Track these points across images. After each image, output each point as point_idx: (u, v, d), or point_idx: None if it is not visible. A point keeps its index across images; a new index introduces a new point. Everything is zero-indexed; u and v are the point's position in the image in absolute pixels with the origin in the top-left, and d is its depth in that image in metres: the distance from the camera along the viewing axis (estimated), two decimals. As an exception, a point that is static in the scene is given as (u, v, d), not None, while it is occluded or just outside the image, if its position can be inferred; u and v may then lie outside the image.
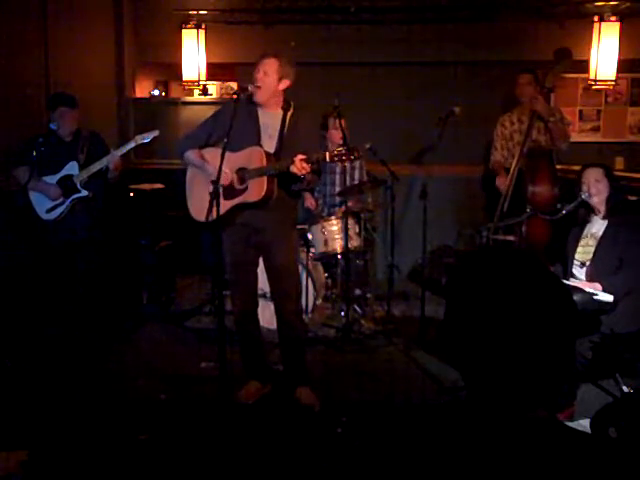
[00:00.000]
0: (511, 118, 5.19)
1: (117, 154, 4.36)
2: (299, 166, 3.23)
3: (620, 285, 3.46)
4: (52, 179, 4.40)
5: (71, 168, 4.41)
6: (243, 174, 3.42)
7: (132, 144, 4.36)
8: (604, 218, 3.71)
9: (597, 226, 3.73)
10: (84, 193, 4.40)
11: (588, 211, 3.79)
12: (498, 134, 5.23)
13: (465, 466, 2.91)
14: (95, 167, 4.36)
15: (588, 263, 3.65)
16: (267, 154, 3.39)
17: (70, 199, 4.39)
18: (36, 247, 4.49)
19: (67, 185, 4.38)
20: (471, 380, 3.57)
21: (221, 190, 3.15)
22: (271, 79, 3.42)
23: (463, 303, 3.63)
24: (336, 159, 3.28)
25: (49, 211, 4.39)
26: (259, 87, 3.41)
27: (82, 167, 4.38)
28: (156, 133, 4.31)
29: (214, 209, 3.03)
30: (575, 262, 3.72)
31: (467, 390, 3.60)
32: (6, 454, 2.91)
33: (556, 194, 4.55)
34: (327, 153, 3.28)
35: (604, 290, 3.47)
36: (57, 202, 4.39)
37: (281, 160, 3.37)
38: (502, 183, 4.89)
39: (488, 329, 3.34)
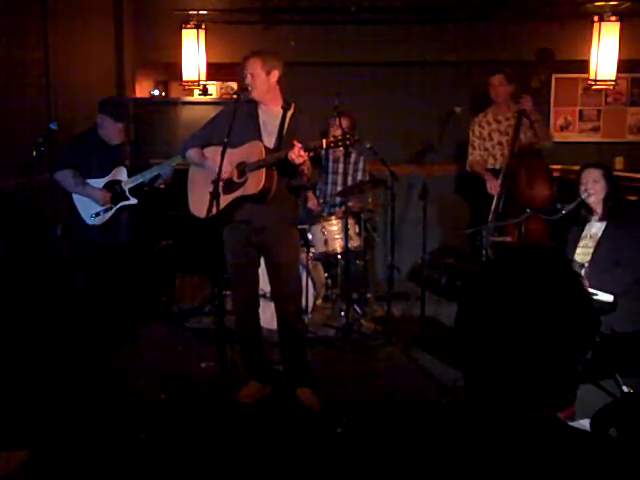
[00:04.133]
0: (487, 118, 5.16)
1: (172, 164, 4.33)
2: (297, 152, 3.22)
3: (615, 284, 3.46)
4: (98, 183, 4.35)
5: (120, 173, 4.36)
6: (243, 168, 3.43)
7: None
8: (603, 219, 3.73)
9: (596, 227, 3.75)
10: (133, 201, 4.35)
11: (588, 211, 3.80)
12: (476, 134, 5.19)
13: (466, 466, 2.91)
14: (147, 175, 4.33)
15: (587, 264, 3.65)
16: (267, 149, 3.41)
17: (118, 206, 4.34)
18: (78, 246, 4.47)
19: (115, 191, 4.34)
20: (479, 382, 3.54)
21: (221, 186, 3.17)
22: (260, 77, 3.45)
23: (481, 307, 3.60)
24: (332, 145, 3.30)
25: (95, 216, 4.33)
26: (252, 88, 3.45)
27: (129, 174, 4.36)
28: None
29: (214, 207, 3.05)
30: (574, 263, 3.72)
31: (469, 391, 3.58)
32: (6, 454, 2.90)
33: (554, 193, 4.55)
34: (324, 140, 3.29)
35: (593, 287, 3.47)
36: (104, 207, 4.33)
37: (280, 151, 3.38)
38: (493, 187, 4.77)
39: (506, 331, 3.31)
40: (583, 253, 3.72)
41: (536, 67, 4.75)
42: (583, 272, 3.66)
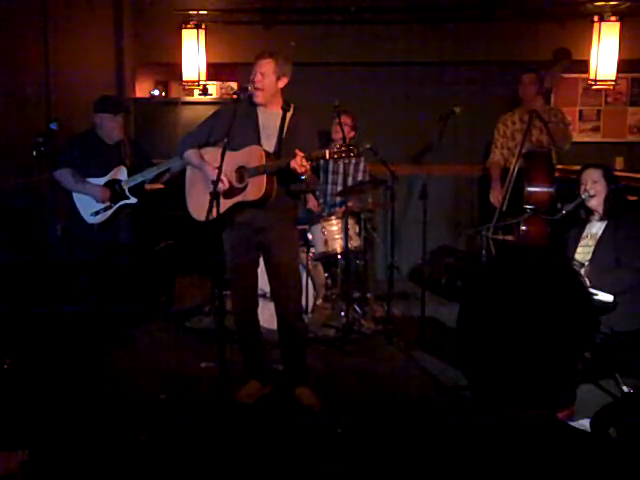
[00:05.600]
0: (513, 118, 5.20)
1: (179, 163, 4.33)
2: (299, 162, 3.22)
3: (615, 283, 3.47)
4: (98, 182, 4.36)
5: (120, 173, 4.37)
6: (243, 173, 3.42)
7: None
8: (603, 219, 3.76)
9: (597, 227, 3.78)
10: (133, 200, 4.37)
11: (587, 212, 3.83)
12: (500, 132, 5.23)
13: (466, 466, 2.91)
14: (147, 174, 4.33)
15: (587, 263, 3.66)
16: (267, 153, 3.40)
17: (117, 205, 4.35)
18: (79, 246, 4.46)
19: (115, 190, 4.35)
20: (481, 380, 3.52)
21: (221, 190, 3.16)
22: (270, 80, 3.42)
23: (482, 307, 3.58)
24: (335, 157, 3.27)
25: (94, 214, 4.34)
26: (259, 89, 3.41)
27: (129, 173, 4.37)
28: None
29: (214, 209, 3.04)
30: (575, 262, 3.73)
31: (472, 391, 3.56)
32: (6, 454, 2.91)
33: (553, 195, 4.55)
34: (327, 151, 3.27)
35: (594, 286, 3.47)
36: (103, 206, 4.33)
37: (281, 158, 3.37)
38: (496, 196, 4.91)
39: (507, 331, 3.28)
40: (583, 252, 3.75)
41: (552, 67, 4.75)
42: (583, 271, 3.67)
